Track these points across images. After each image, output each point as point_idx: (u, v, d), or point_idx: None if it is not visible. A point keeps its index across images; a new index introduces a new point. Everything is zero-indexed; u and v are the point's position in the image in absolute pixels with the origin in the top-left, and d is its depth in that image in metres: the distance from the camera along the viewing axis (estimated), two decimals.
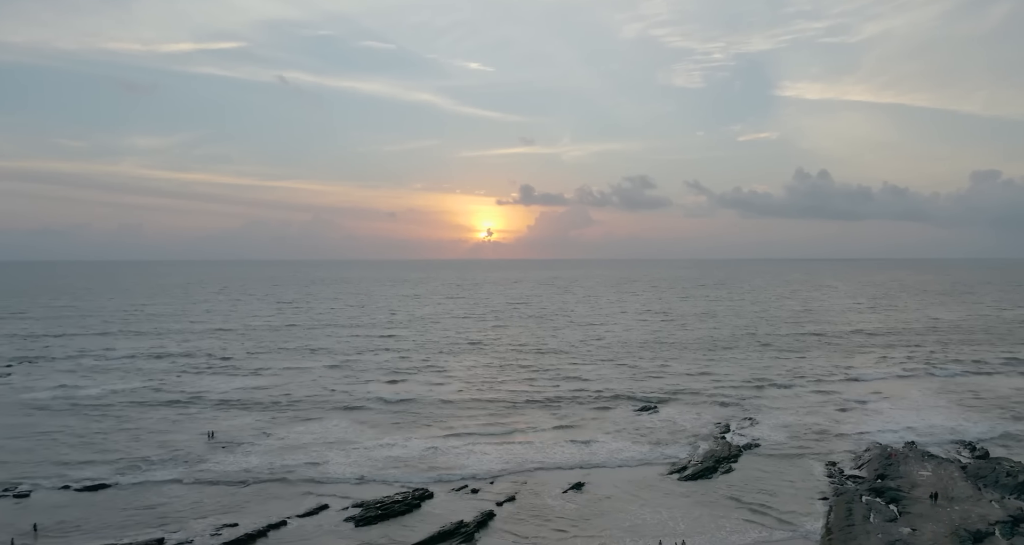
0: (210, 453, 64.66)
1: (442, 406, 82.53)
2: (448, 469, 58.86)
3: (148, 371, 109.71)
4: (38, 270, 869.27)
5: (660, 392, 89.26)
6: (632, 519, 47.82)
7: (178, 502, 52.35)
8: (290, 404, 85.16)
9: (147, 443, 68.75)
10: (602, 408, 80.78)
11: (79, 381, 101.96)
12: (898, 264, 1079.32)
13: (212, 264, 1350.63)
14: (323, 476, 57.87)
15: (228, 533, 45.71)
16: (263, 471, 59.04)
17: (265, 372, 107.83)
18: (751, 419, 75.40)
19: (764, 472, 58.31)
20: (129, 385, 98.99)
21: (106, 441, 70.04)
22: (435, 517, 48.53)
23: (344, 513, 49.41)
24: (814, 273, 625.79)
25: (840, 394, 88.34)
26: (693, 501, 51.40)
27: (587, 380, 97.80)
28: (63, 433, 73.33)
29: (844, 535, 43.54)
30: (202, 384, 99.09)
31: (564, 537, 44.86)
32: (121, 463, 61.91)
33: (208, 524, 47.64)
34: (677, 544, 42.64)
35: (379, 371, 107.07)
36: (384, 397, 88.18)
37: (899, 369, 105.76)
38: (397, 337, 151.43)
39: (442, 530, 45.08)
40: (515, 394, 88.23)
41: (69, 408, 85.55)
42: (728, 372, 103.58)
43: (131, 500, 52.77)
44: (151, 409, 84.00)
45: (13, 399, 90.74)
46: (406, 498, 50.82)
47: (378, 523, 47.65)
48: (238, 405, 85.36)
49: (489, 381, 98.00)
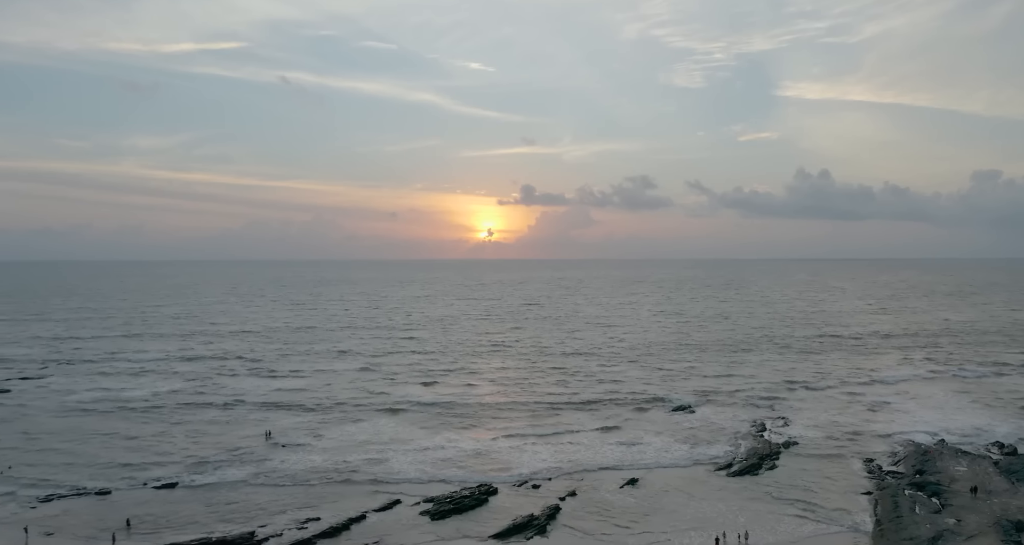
0: (272, 452, 67.57)
1: (482, 408, 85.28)
2: (504, 467, 61.76)
3: (184, 373, 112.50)
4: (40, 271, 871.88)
5: (692, 393, 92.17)
6: (692, 512, 50.75)
7: (254, 499, 55.24)
8: (334, 405, 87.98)
9: (207, 443, 71.58)
10: (639, 409, 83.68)
11: (120, 383, 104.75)
12: (900, 264, 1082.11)
13: (213, 264, 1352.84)
14: (386, 473, 60.80)
15: (313, 526, 48.60)
16: (328, 469, 61.96)
17: (301, 374, 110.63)
18: (784, 419, 78.36)
19: (805, 469, 61.23)
20: (170, 387, 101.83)
21: (166, 442, 72.78)
22: (503, 511, 51.44)
23: (416, 508, 52.33)
24: (818, 273, 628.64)
25: (865, 395, 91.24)
26: (745, 496, 54.33)
27: (618, 382, 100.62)
28: (119, 435, 76.00)
29: (894, 526, 46.43)
30: (242, 386, 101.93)
31: (631, 530, 47.72)
32: (188, 462, 64.77)
33: (290, 518, 50.55)
34: (740, 535, 45.52)
35: (411, 373, 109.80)
36: (423, 399, 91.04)
37: (920, 370, 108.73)
38: (419, 339, 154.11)
39: (516, 523, 47.98)
40: (551, 396, 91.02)
41: (117, 410, 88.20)
42: (753, 374, 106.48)
43: (209, 497, 55.65)
44: (200, 410, 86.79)
45: (59, 402, 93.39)
46: (473, 493, 53.74)
47: (451, 517, 50.55)
48: (283, 406, 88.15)
49: (521, 383, 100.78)
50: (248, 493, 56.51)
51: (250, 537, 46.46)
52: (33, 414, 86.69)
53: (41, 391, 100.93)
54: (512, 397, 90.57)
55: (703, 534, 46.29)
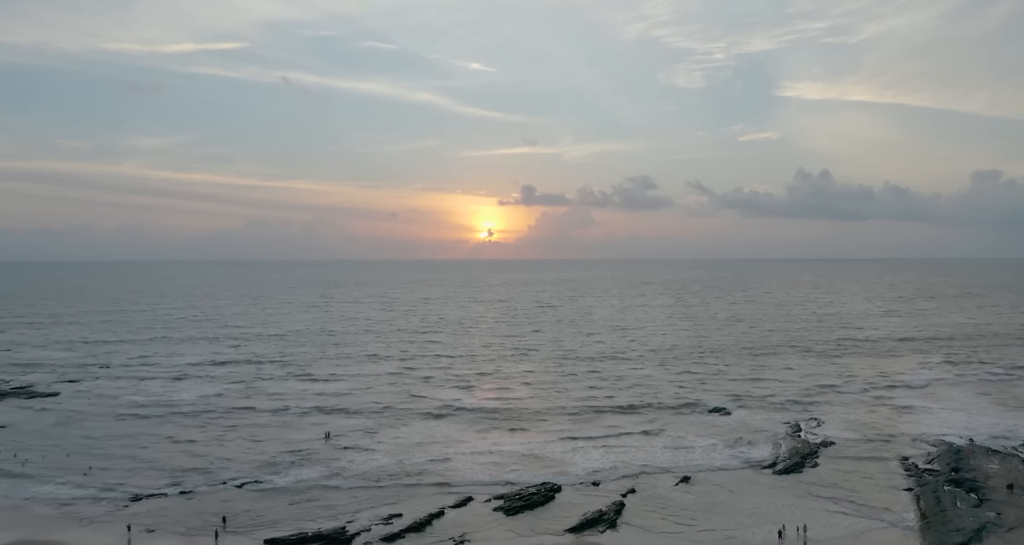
0: (337, 453, 71.16)
1: (525, 411, 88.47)
2: (560, 467, 65.35)
3: (222, 377, 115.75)
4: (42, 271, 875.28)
5: (724, 396, 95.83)
6: (748, 508, 54.42)
7: (332, 497, 58.82)
8: (381, 409, 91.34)
9: (269, 445, 75.05)
10: (676, 412, 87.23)
11: (163, 388, 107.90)
12: (901, 264, 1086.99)
13: (214, 264, 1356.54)
14: (451, 472, 64.41)
15: (398, 522, 52.17)
16: (395, 468, 65.57)
17: (338, 378, 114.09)
18: (816, 419, 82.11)
19: (845, 467, 64.93)
20: (214, 391, 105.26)
21: (228, 444, 76.19)
22: (571, 507, 55.09)
23: (489, 504, 55.94)
24: (822, 274, 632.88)
25: (890, 397, 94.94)
26: (794, 493, 58.01)
27: (650, 385, 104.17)
28: (180, 438, 78.87)
29: (939, 519, 50.13)
30: (284, 389, 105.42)
31: (696, 526, 51.33)
32: (258, 463, 68.25)
33: (373, 515, 54.13)
34: (799, 528, 49.18)
35: (446, 378, 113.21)
36: (465, 402, 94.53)
37: (939, 373, 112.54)
38: (442, 343, 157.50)
39: (587, 518, 51.61)
40: (589, 400, 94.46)
41: (169, 414, 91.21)
42: (779, 377, 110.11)
43: (290, 496, 59.18)
44: (250, 414, 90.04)
45: (110, 406, 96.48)
46: (540, 491, 57.37)
47: (523, 513, 54.15)
48: (331, 410, 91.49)
49: (555, 387, 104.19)
50: (324, 492, 60.08)
51: (342, 532, 50.01)
52: (89, 418, 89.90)
53: (88, 395, 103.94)
54: (552, 401, 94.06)
55: (764, 528, 49.94)
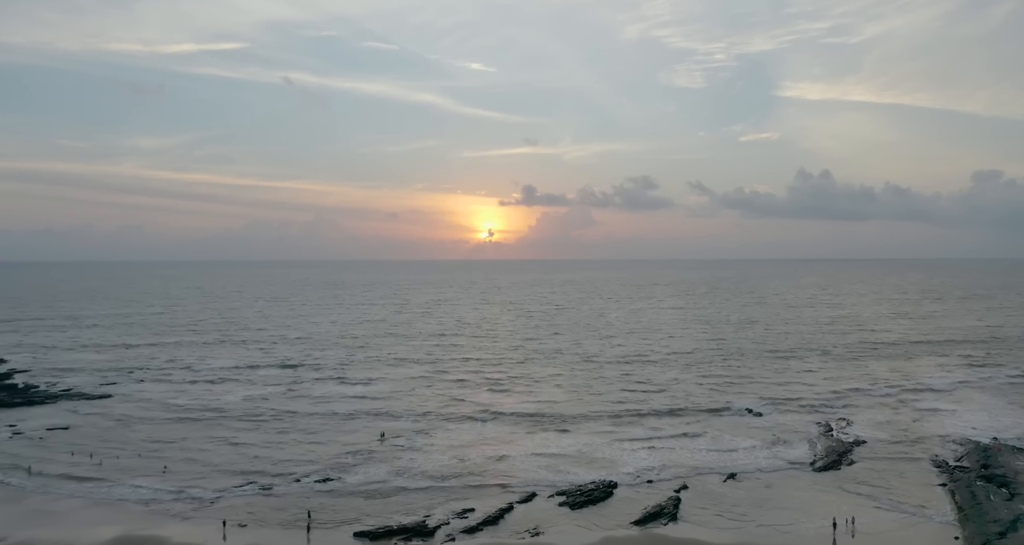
0: (398, 453, 75.17)
1: (566, 414, 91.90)
2: (612, 466, 69.36)
3: (260, 380, 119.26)
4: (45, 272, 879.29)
5: (753, 398, 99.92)
6: (795, 503, 58.57)
7: (403, 493, 62.80)
8: (426, 412, 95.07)
9: (329, 446, 78.92)
10: (712, 414, 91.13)
11: (207, 391, 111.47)
12: (902, 265, 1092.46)
13: (215, 265, 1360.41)
14: (510, 470, 68.46)
15: (472, 516, 56.24)
16: (456, 467, 69.65)
17: (375, 381, 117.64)
18: (846, 420, 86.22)
19: (880, 464, 69.07)
20: (258, 393, 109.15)
21: (288, 445, 79.90)
22: (630, 502, 59.19)
23: (553, 500, 60.01)
24: (825, 275, 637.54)
25: (913, 399, 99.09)
26: (835, 489, 62.15)
27: (681, 388, 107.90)
28: (239, 440, 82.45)
29: (975, 511, 54.22)
30: (327, 392, 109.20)
31: (753, 519, 55.41)
32: (324, 462, 72.19)
33: (447, 510, 58.18)
34: (848, 520, 53.25)
35: (479, 381, 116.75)
36: (505, 404, 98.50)
37: (959, 375, 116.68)
38: (464, 347, 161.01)
39: (649, 512, 55.73)
40: (625, 403, 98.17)
41: (221, 416, 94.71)
42: (803, 380, 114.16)
43: (365, 492, 63.18)
44: (299, 416, 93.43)
45: (163, 408, 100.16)
46: (599, 487, 61.42)
47: (587, 507, 58.23)
48: (378, 412, 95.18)
49: (588, 390, 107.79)
50: (395, 489, 64.06)
51: (424, 525, 54.06)
52: (145, 420, 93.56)
53: (135, 398, 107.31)
54: (589, 404, 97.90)
55: (815, 521, 54.05)
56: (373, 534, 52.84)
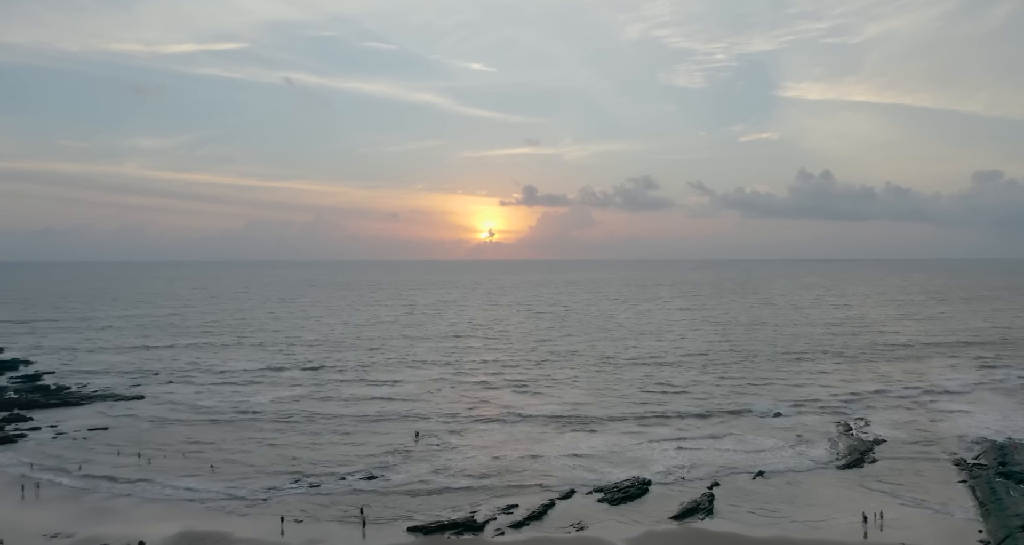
0: (435, 451, 77.92)
1: (591, 415, 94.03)
2: (643, 464, 72.02)
3: (287, 382, 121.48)
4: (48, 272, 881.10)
5: (772, 400, 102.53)
6: (824, 498, 61.39)
7: (447, 491, 65.45)
8: (455, 412, 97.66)
9: (366, 445, 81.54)
10: (734, 415, 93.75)
11: (238, 392, 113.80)
12: (904, 265, 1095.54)
13: (216, 265, 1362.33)
14: (546, 468, 71.22)
15: (517, 512, 58.99)
16: (494, 465, 72.44)
17: (400, 383, 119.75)
18: (864, 420, 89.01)
19: (900, 462, 71.91)
20: (287, 394, 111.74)
21: (325, 445, 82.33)
22: (666, 497, 61.97)
23: (591, 496, 62.74)
24: (827, 275, 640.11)
25: (927, 400, 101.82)
26: (860, 485, 64.95)
27: (700, 390, 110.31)
28: (276, 440, 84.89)
29: (997, 506, 57.01)
30: (353, 393, 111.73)
31: (787, 515, 58.17)
32: (365, 461, 74.88)
33: (492, 506, 60.87)
34: (876, 514, 56.02)
35: (501, 383, 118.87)
36: (530, 405, 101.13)
37: (972, 377, 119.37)
38: (480, 348, 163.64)
39: (687, 507, 58.48)
40: (648, 404, 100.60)
41: (255, 418, 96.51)
42: (818, 381, 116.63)
43: (409, 489, 65.87)
44: (333, 417, 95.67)
45: (195, 409, 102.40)
46: (634, 484, 64.15)
47: (625, 503, 60.98)
48: (408, 413, 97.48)
49: (608, 392, 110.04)
50: (437, 486, 66.74)
51: (473, 520, 56.79)
52: (181, 421, 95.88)
53: (165, 399, 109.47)
54: (612, 405, 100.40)
55: (845, 516, 56.86)
56: (426, 529, 55.58)
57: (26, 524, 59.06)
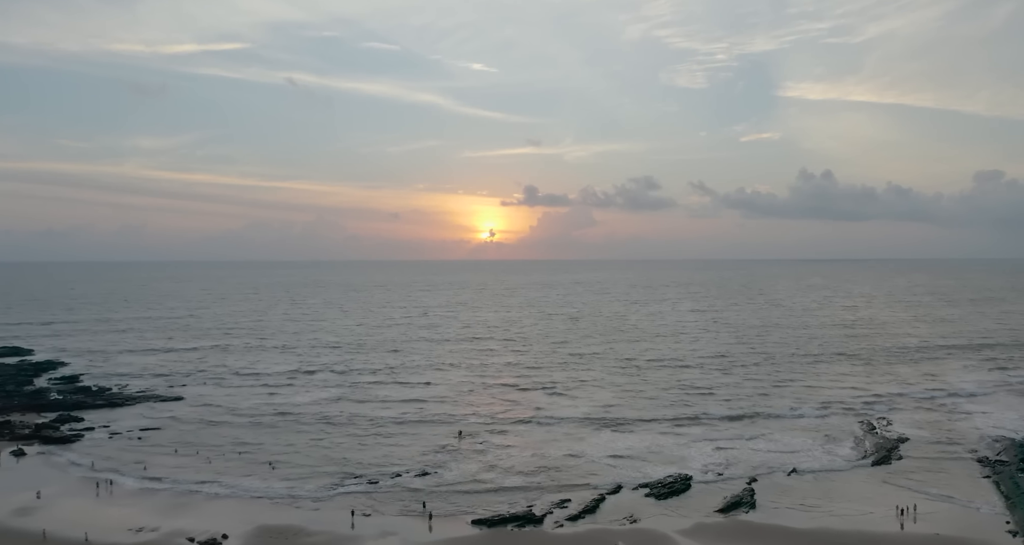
0: (480, 450, 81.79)
1: (624, 417, 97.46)
2: (681, 462, 75.79)
3: (320, 384, 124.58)
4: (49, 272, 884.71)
5: (795, 401, 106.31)
6: (857, 493, 65.31)
7: (500, 487, 69.26)
8: (492, 413, 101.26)
9: (412, 445, 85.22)
10: (763, 415, 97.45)
11: (275, 394, 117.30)
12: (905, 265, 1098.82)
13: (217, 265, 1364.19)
14: (588, 465, 75.17)
15: (571, 506, 62.81)
16: (539, 462, 76.40)
17: (430, 385, 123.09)
18: (885, 419, 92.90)
19: (926, 459, 75.87)
20: (324, 396, 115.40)
21: (374, 444, 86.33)
22: (708, 492, 65.88)
23: (638, 492, 66.58)
24: (830, 276, 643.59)
25: (945, 400, 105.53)
26: (889, 481, 68.86)
27: (725, 391, 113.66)
28: (325, 440, 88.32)
29: (1021, 499, 60.90)
30: (388, 394, 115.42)
31: (823, 506, 62.05)
32: (414, 460, 78.63)
33: (546, 501, 64.70)
34: (908, 507, 59.89)
35: (530, 384, 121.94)
36: (562, 406, 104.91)
37: (986, 377, 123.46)
38: (498, 351, 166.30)
39: (731, 501, 62.37)
40: (677, 406, 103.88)
41: (295, 419, 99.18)
42: (838, 383, 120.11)
43: (464, 486, 69.69)
44: (373, 419, 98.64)
45: (238, 411, 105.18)
46: (677, 480, 68.00)
47: (671, 498, 64.85)
48: (445, 414, 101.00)
49: (636, 393, 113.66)
50: (490, 482, 70.56)
51: (532, 514, 60.63)
52: (227, 422, 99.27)
53: (206, 401, 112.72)
54: (642, 407, 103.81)
55: (880, 509, 60.76)
56: (489, 521, 59.45)
57: (108, 520, 62.62)
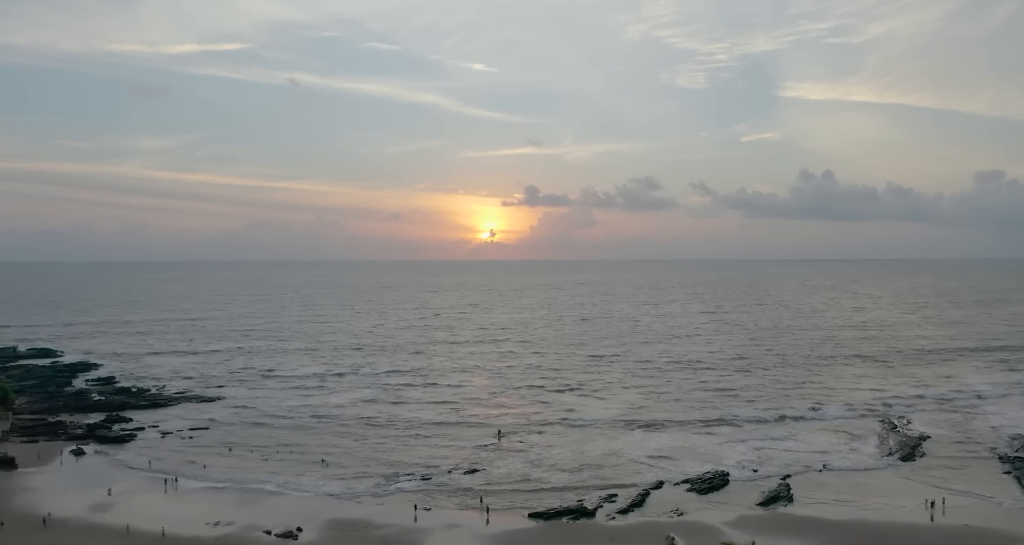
0: (521, 448, 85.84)
1: (654, 417, 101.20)
2: (716, 459, 79.85)
3: (350, 386, 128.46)
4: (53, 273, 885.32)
5: (817, 401, 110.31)
6: (886, 488, 69.57)
7: (547, 482, 73.34)
8: (526, 413, 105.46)
9: (455, 444, 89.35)
10: (786, 415, 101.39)
11: (309, 395, 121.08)
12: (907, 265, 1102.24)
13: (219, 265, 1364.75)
14: (627, 462, 79.37)
15: (619, 500, 66.87)
16: (581, 459, 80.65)
17: (460, 386, 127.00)
18: (905, 418, 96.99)
19: (947, 455, 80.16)
20: (357, 397, 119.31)
21: (418, 442, 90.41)
22: (746, 488, 70.03)
23: (680, 487, 70.74)
24: (833, 276, 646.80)
25: (962, 401, 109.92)
26: (915, 476, 73.13)
27: (748, 393, 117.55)
28: (369, 439, 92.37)
29: None
30: (420, 396, 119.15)
31: (854, 500, 66.17)
32: (460, 457, 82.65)
33: (594, 495, 68.67)
34: (938, 501, 63.99)
35: (557, 386, 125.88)
36: (592, 406, 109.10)
37: (1000, 378, 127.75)
38: (519, 354, 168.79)
39: (770, 495, 66.51)
40: (705, 407, 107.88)
41: (336, 420, 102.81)
42: (856, 385, 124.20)
43: (514, 482, 73.66)
44: (411, 419, 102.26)
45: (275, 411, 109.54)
46: (716, 476, 72.06)
47: (711, 492, 68.95)
48: (479, 415, 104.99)
49: (662, 394, 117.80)
50: (537, 478, 74.60)
51: (584, 507, 64.69)
52: (268, 423, 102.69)
53: (244, 403, 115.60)
54: (670, 408, 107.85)
55: (911, 501, 64.92)
56: (546, 515, 63.56)
57: (181, 515, 65.95)
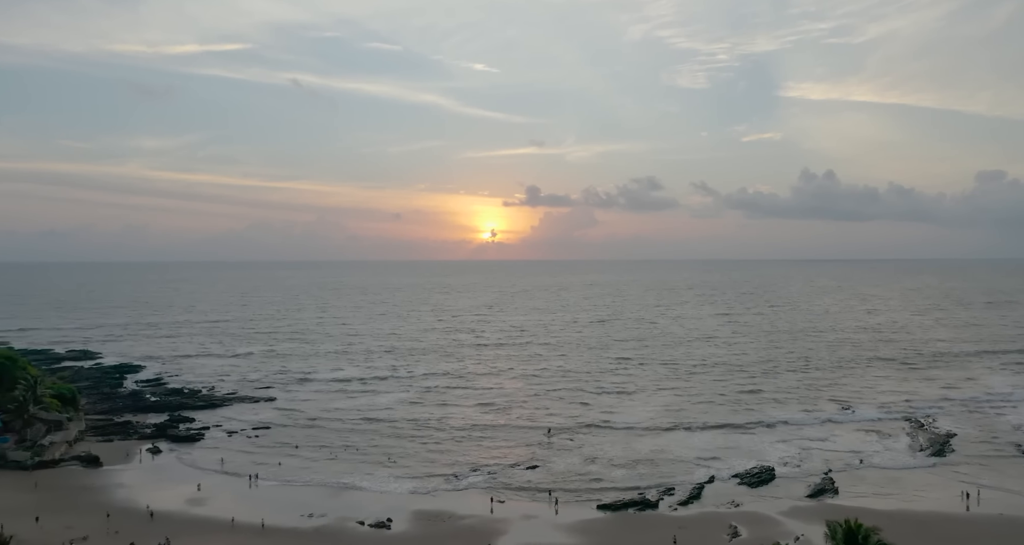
0: (573, 446, 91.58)
1: (693, 418, 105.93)
2: (759, 456, 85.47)
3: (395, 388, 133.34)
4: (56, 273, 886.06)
5: (845, 402, 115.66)
6: (921, 481, 75.49)
7: (606, 476, 79.05)
8: (569, 413, 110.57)
9: (507, 441, 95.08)
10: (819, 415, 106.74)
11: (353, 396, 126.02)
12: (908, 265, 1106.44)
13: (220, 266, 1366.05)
14: (676, 457, 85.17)
15: (677, 493, 72.52)
16: (633, 454, 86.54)
17: (498, 388, 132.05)
18: (930, 416, 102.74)
19: (976, 451, 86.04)
20: (403, 397, 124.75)
21: (473, 440, 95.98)
22: (792, 481, 75.92)
23: (731, 481, 76.41)
24: (837, 277, 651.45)
25: (983, 401, 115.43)
26: (948, 471, 78.90)
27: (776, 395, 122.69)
28: (426, 438, 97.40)
29: None
30: (463, 397, 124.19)
31: (894, 492, 71.91)
32: (518, 454, 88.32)
33: (653, 489, 74.25)
34: (973, 492, 69.67)
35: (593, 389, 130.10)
36: (629, 407, 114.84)
37: (1019, 381, 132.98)
38: (545, 356, 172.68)
39: (817, 488, 72.35)
40: (739, 407, 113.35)
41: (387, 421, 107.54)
42: (880, 386, 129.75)
43: (578, 476, 79.39)
44: (460, 419, 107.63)
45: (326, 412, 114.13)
46: (763, 471, 77.72)
47: (761, 486, 74.67)
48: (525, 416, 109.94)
49: (695, 395, 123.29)
50: (596, 473, 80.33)
51: (647, 499, 70.39)
52: (326, 422, 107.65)
53: (295, 405, 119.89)
54: (705, 408, 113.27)
55: (945, 493, 70.70)
56: (613, 506, 69.29)
57: (275, 508, 70.29)
